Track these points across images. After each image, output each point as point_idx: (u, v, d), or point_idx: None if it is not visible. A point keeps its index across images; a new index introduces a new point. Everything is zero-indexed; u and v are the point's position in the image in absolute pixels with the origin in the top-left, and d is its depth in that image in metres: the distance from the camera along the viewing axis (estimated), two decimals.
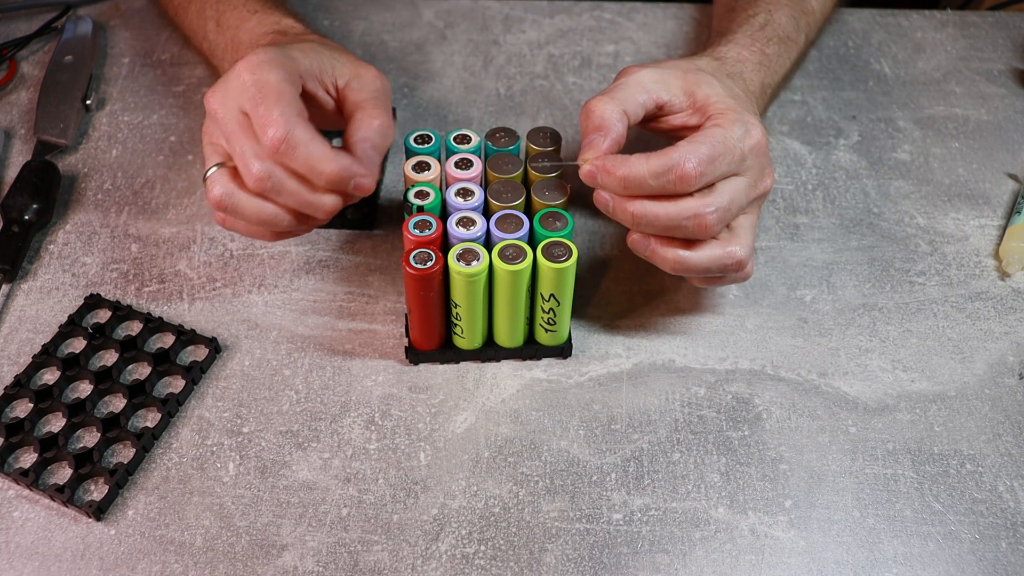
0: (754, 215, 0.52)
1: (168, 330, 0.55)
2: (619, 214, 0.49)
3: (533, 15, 0.80)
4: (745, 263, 0.50)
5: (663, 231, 0.49)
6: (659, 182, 0.47)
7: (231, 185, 0.50)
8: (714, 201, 0.48)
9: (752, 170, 0.50)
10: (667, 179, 0.47)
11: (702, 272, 0.50)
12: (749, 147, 0.49)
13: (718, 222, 0.48)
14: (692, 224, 0.48)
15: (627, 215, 0.48)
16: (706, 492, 0.49)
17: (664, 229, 0.49)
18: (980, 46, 0.78)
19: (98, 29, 0.75)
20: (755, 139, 0.50)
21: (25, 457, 0.49)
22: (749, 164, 0.50)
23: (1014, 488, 0.49)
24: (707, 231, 0.48)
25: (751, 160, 0.49)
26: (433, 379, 0.53)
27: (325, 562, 0.46)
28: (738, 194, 0.49)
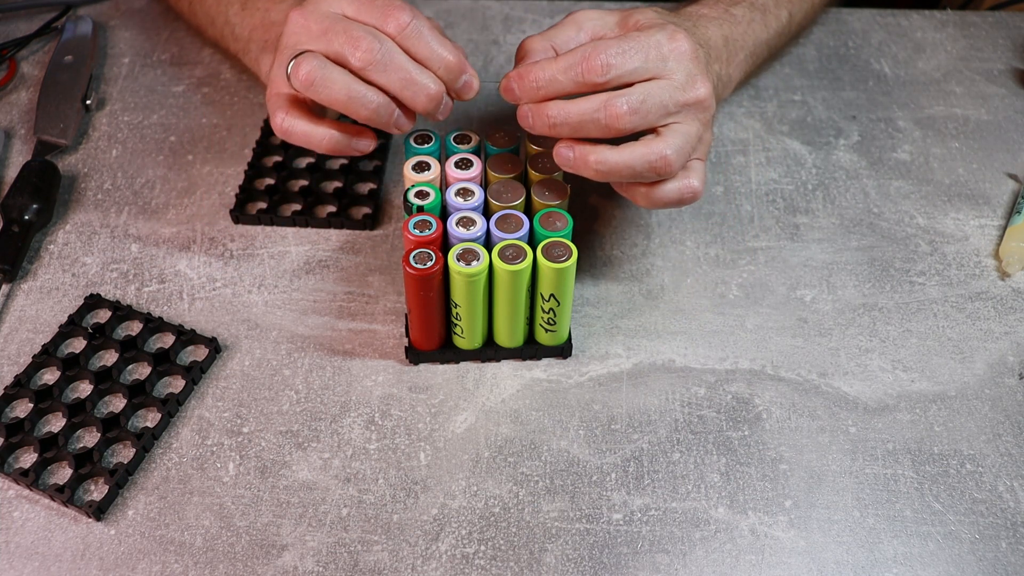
0: (689, 123, 0.49)
1: (168, 330, 0.55)
2: (537, 121, 0.48)
3: (533, 15, 0.80)
4: (671, 161, 0.48)
5: (578, 128, 0.48)
6: (567, 76, 0.47)
7: (323, 60, 0.49)
8: (625, 92, 0.47)
9: (676, 73, 0.48)
10: (575, 71, 0.47)
11: (627, 171, 0.48)
12: (670, 49, 0.48)
13: (630, 112, 0.47)
14: (603, 115, 0.47)
15: (544, 120, 0.48)
16: (706, 492, 0.49)
17: (578, 125, 0.48)
18: (980, 46, 0.78)
19: (98, 29, 0.75)
20: (678, 43, 0.49)
21: (25, 457, 0.49)
22: (672, 67, 0.48)
23: (1014, 488, 0.49)
24: (618, 120, 0.47)
25: (673, 63, 0.48)
26: (433, 379, 0.53)
27: (325, 562, 0.46)
28: (656, 91, 0.48)
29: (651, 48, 0.48)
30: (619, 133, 0.48)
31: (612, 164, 0.48)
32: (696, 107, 0.49)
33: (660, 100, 0.48)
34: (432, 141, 0.54)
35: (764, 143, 0.69)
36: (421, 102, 0.50)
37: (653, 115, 0.48)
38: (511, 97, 0.49)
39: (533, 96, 0.48)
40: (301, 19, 0.50)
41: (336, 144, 0.52)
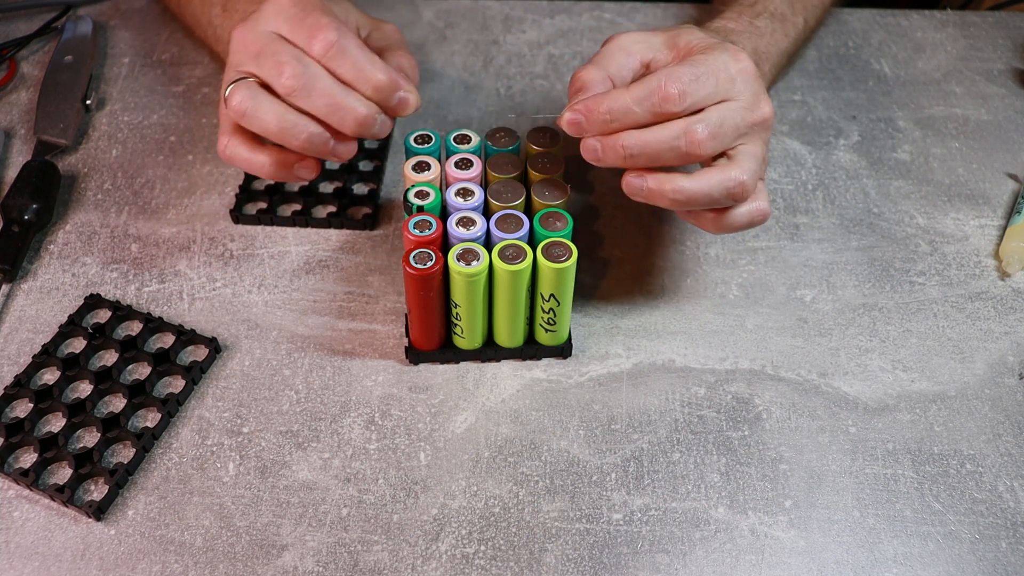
0: (755, 144, 0.49)
1: (168, 330, 0.55)
2: (609, 153, 0.47)
3: (533, 15, 0.80)
4: (747, 186, 0.47)
5: (655, 158, 0.47)
6: (643, 107, 0.46)
7: (255, 89, 0.49)
8: (703, 117, 0.47)
9: (744, 94, 0.48)
10: (651, 102, 0.46)
11: (705, 199, 0.47)
12: (736, 70, 0.48)
13: (710, 137, 0.46)
14: (683, 142, 0.46)
15: (618, 150, 0.47)
16: (706, 492, 0.49)
17: (656, 155, 0.47)
18: (980, 46, 0.78)
19: (98, 29, 0.75)
20: (743, 64, 0.48)
21: (25, 457, 0.49)
22: (739, 88, 0.48)
23: (1014, 488, 0.49)
24: (699, 147, 0.46)
25: (741, 84, 0.48)
26: (433, 379, 0.53)
27: (325, 562, 0.46)
28: (730, 114, 0.47)
29: (720, 71, 0.48)
30: (698, 160, 0.48)
31: (690, 193, 0.47)
32: (762, 126, 0.49)
33: (734, 123, 0.48)
34: (432, 141, 0.54)
35: None
36: (349, 126, 0.49)
37: (728, 139, 0.48)
38: (576, 131, 0.48)
39: (604, 129, 0.47)
40: (240, 36, 0.50)
41: (275, 171, 0.51)
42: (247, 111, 0.48)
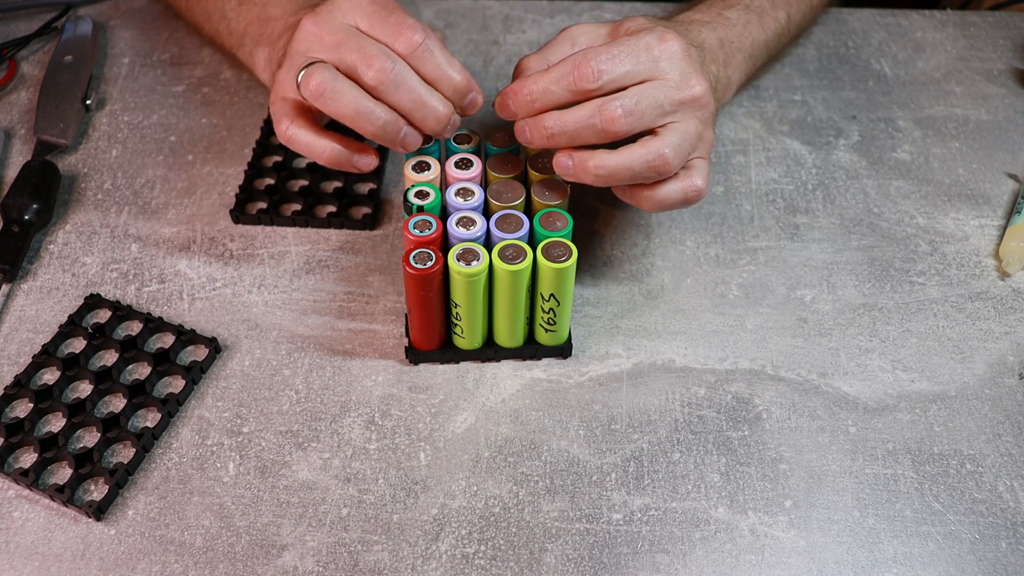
0: (686, 122, 0.49)
1: (168, 330, 0.55)
2: (535, 134, 0.49)
3: (533, 15, 0.80)
4: (669, 159, 0.48)
5: (575, 137, 0.48)
6: (560, 86, 0.48)
7: (336, 72, 0.49)
8: (619, 95, 0.48)
9: (669, 73, 0.49)
10: (567, 80, 0.48)
11: (627, 174, 0.48)
12: (660, 50, 0.49)
13: (625, 115, 0.47)
14: (598, 120, 0.47)
15: (541, 131, 0.49)
16: (706, 492, 0.49)
17: (575, 133, 0.48)
18: (980, 46, 0.78)
19: (98, 29, 0.75)
20: (668, 43, 0.49)
21: (25, 457, 0.49)
22: (664, 68, 0.49)
23: (1014, 488, 0.49)
24: (613, 124, 0.47)
25: (665, 63, 0.49)
26: (433, 379, 0.53)
27: (325, 562, 0.46)
28: (650, 92, 0.48)
29: (641, 51, 0.49)
30: (616, 137, 0.48)
31: (611, 167, 0.48)
32: (692, 104, 0.49)
33: (655, 100, 0.48)
34: (432, 141, 0.54)
35: (764, 143, 0.69)
36: (430, 124, 0.50)
37: (649, 116, 0.48)
38: (507, 114, 0.50)
39: (528, 110, 0.49)
40: (314, 28, 0.50)
41: (337, 158, 0.52)
42: (327, 92, 0.48)
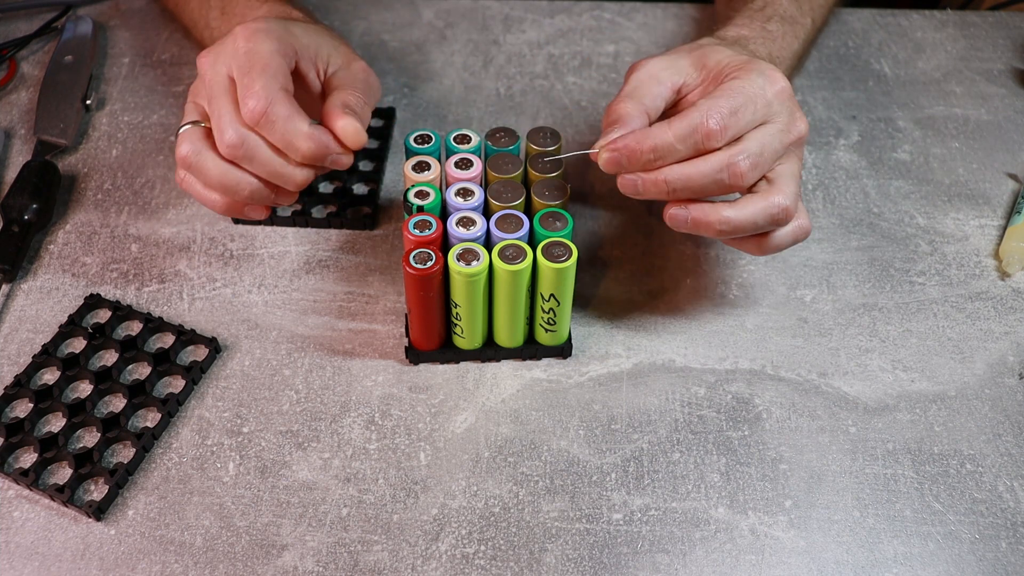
0: (792, 163, 0.50)
1: (168, 330, 0.55)
2: (650, 187, 0.48)
3: (533, 15, 0.80)
4: (791, 210, 0.48)
5: (699, 191, 0.47)
6: (686, 144, 0.47)
7: (201, 143, 0.50)
8: (744, 148, 0.47)
9: (781, 115, 0.49)
10: (694, 139, 0.46)
11: (750, 227, 0.48)
12: (773, 93, 0.49)
13: (752, 168, 0.47)
14: (727, 175, 0.47)
15: (660, 185, 0.47)
16: (706, 492, 0.49)
17: (700, 188, 0.47)
18: (980, 46, 0.78)
19: (98, 29, 0.75)
20: (778, 85, 0.49)
21: (25, 457, 0.49)
22: (776, 109, 0.49)
23: (1014, 488, 0.49)
24: (742, 179, 0.47)
25: (777, 105, 0.49)
26: (433, 379, 0.53)
27: (325, 562, 0.46)
28: (769, 139, 0.48)
29: (758, 98, 0.48)
30: (742, 189, 0.48)
31: (736, 224, 0.47)
32: (798, 144, 0.50)
33: (773, 148, 0.48)
34: (432, 141, 0.54)
35: None
36: (293, 188, 0.52)
37: (768, 164, 0.48)
38: (615, 169, 0.48)
39: (646, 167, 0.47)
40: (203, 67, 0.52)
41: (227, 210, 0.53)
42: (192, 165, 0.51)
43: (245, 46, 0.50)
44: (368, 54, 0.75)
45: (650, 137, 0.47)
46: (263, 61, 0.49)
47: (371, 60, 0.74)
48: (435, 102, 0.71)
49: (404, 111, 0.70)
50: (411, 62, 0.75)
